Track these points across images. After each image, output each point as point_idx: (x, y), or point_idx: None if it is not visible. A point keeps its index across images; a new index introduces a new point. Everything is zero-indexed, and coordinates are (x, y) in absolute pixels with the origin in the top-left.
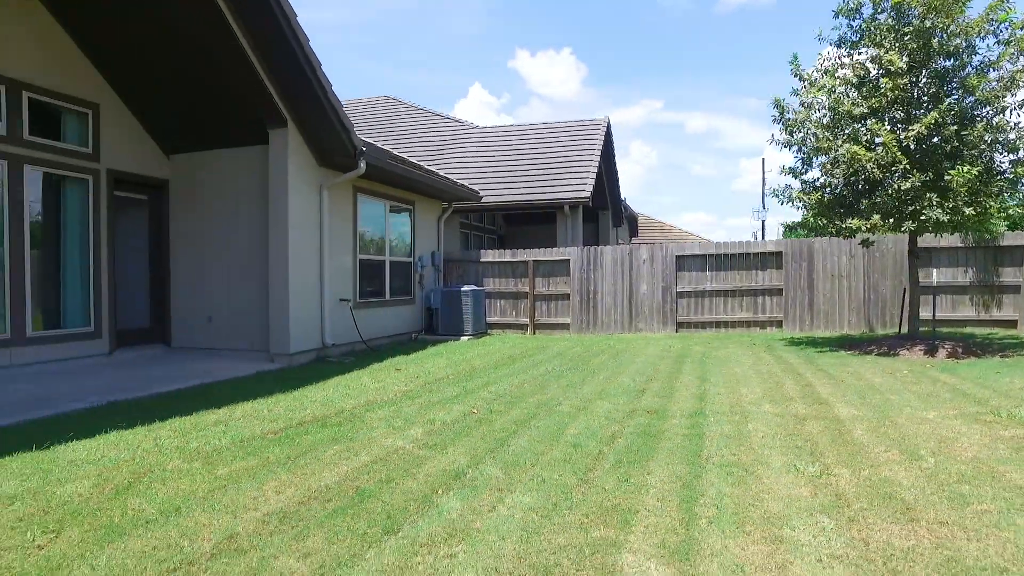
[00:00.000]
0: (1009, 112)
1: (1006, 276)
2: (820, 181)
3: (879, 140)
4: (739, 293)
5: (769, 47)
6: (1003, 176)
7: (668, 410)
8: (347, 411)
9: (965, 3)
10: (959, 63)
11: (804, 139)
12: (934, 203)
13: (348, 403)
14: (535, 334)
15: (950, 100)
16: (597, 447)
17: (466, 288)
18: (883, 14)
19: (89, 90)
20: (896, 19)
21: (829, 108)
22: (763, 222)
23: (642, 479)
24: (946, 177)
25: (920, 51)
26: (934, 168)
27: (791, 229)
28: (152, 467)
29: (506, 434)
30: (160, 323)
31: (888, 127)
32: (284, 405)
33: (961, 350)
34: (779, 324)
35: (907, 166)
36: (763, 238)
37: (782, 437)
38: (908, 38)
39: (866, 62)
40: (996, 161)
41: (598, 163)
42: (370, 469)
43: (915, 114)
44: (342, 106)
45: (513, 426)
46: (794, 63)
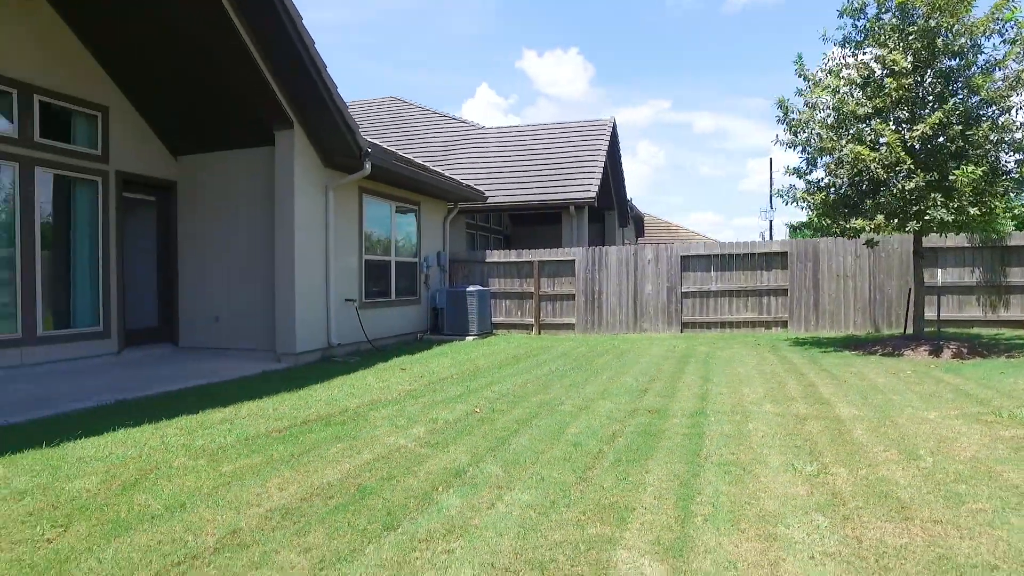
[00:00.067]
0: (1015, 111)
1: (1013, 276)
2: (824, 181)
3: (883, 140)
4: (744, 293)
5: (777, 47)
6: (1009, 176)
7: (669, 410)
8: (351, 410)
9: (971, 2)
10: (964, 63)
11: (808, 139)
12: (938, 203)
13: (352, 402)
14: (540, 334)
15: (955, 100)
16: (597, 446)
17: (471, 288)
18: (887, 14)
19: (98, 93)
20: (901, 19)
21: (833, 108)
22: (771, 222)
23: (640, 477)
24: (951, 177)
25: (925, 51)
26: (939, 168)
27: (795, 229)
28: (158, 464)
29: (507, 433)
30: (168, 323)
31: (893, 127)
32: (289, 404)
33: (966, 350)
34: (784, 324)
35: (911, 166)
36: (771, 238)
37: (782, 437)
38: (912, 38)
39: (871, 62)
40: (1002, 161)
41: (604, 163)
42: (372, 467)
43: (920, 114)
44: (347, 107)
45: (515, 425)
46: (798, 63)
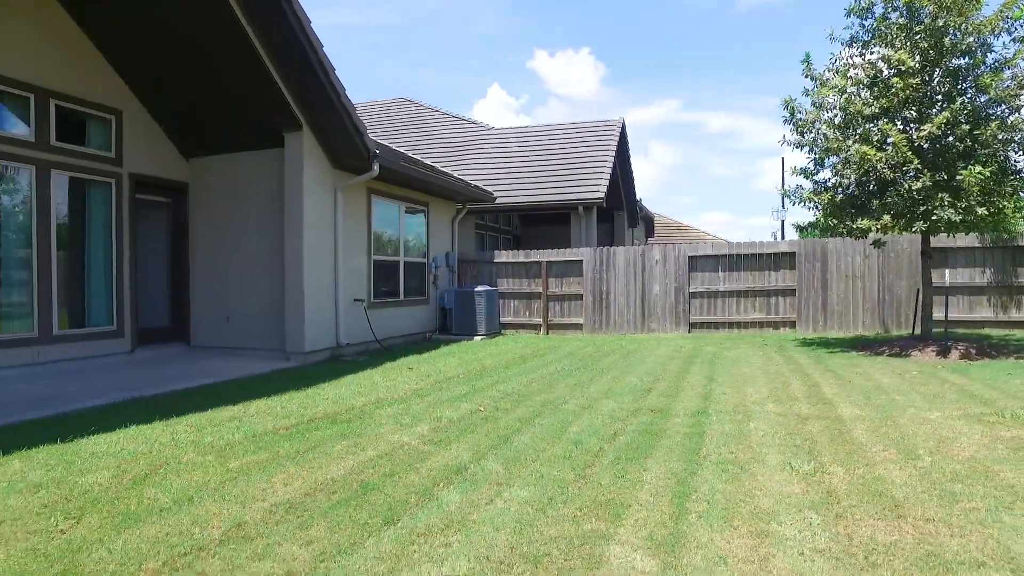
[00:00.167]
0: None
1: None
2: (831, 182)
3: (890, 140)
4: (752, 294)
5: (789, 45)
6: (1018, 175)
7: (672, 409)
8: (357, 408)
9: (980, 1)
10: (973, 61)
11: (815, 140)
12: (946, 203)
13: (359, 401)
14: (548, 334)
15: (963, 99)
16: (598, 444)
17: (479, 288)
18: (895, 13)
19: (112, 96)
20: (908, 18)
21: (840, 108)
22: (782, 222)
23: (638, 475)
24: (958, 177)
25: (932, 50)
26: (947, 168)
27: (802, 229)
28: (168, 460)
29: (510, 431)
30: (180, 323)
31: (900, 126)
32: (297, 402)
33: (975, 351)
34: (792, 325)
35: (919, 166)
36: (783, 238)
37: (782, 436)
38: (919, 37)
39: (878, 61)
40: (1011, 160)
41: (612, 164)
42: (375, 463)
43: (928, 113)
44: (355, 109)
45: (518, 423)
46: (806, 63)
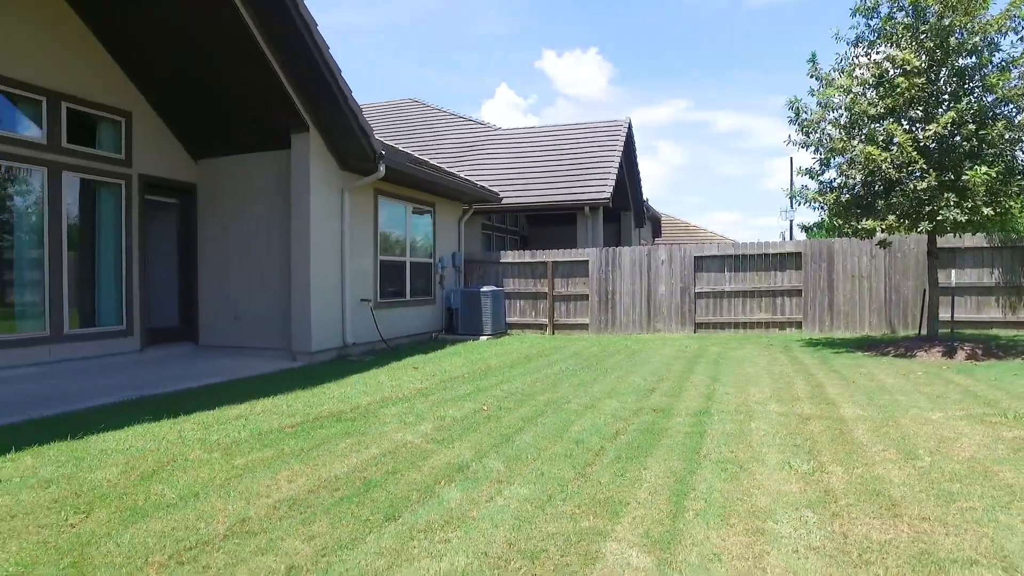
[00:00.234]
0: None
1: None
2: (837, 182)
3: (895, 140)
4: (758, 294)
5: (796, 44)
6: None
7: (674, 409)
8: (362, 407)
9: (987, 1)
10: (980, 61)
11: (820, 140)
12: (951, 203)
13: (364, 400)
14: (554, 334)
15: (969, 99)
16: (599, 443)
17: (485, 288)
18: (901, 12)
19: (122, 99)
20: (914, 17)
21: (845, 108)
22: (791, 222)
23: (637, 474)
24: (964, 177)
25: (939, 49)
26: (953, 168)
27: (807, 230)
28: (175, 457)
29: (512, 430)
30: (188, 322)
31: (906, 126)
32: (303, 401)
33: (981, 352)
34: (798, 325)
35: (924, 166)
36: (791, 238)
37: (783, 436)
38: (925, 37)
39: (883, 61)
40: (1018, 160)
41: (619, 164)
42: (378, 461)
43: (934, 113)
44: (361, 111)
45: (520, 423)
46: (812, 63)
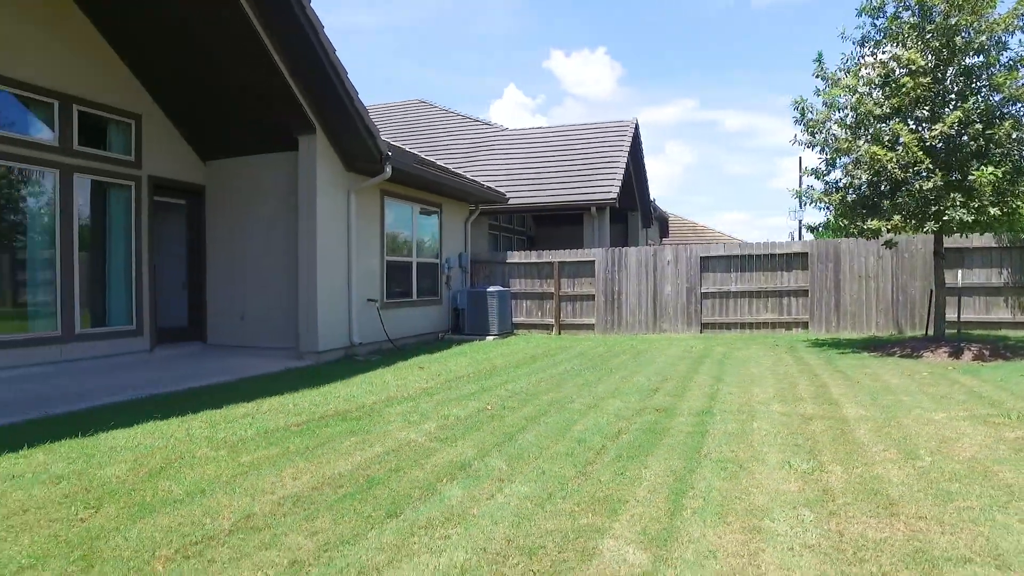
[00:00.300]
0: None
1: None
2: (842, 182)
3: (901, 140)
4: (764, 294)
5: (805, 43)
6: None
7: (677, 408)
8: (367, 406)
9: (995, 0)
10: (987, 60)
11: (825, 140)
12: (957, 203)
13: (369, 399)
14: (560, 334)
15: (975, 98)
16: (601, 442)
17: (492, 289)
18: (907, 12)
19: (132, 101)
20: (921, 17)
21: (851, 108)
22: (800, 222)
23: (638, 473)
24: (970, 177)
25: (945, 49)
26: (960, 168)
27: (813, 230)
28: (182, 454)
29: (515, 429)
30: (197, 322)
31: (913, 126)
32: (309, 400)
33: (988, 352)
34: (805, 325)
35: (929, 166)
36: (800, 238)
37: (784, 436)
38: (931, 36)
39: (889, 61)
40: None
41: (625, 164)
42: (382, 459)
43: (941, 113)
44: (368, 112)
45: (523, 422)
46: (818, 62)
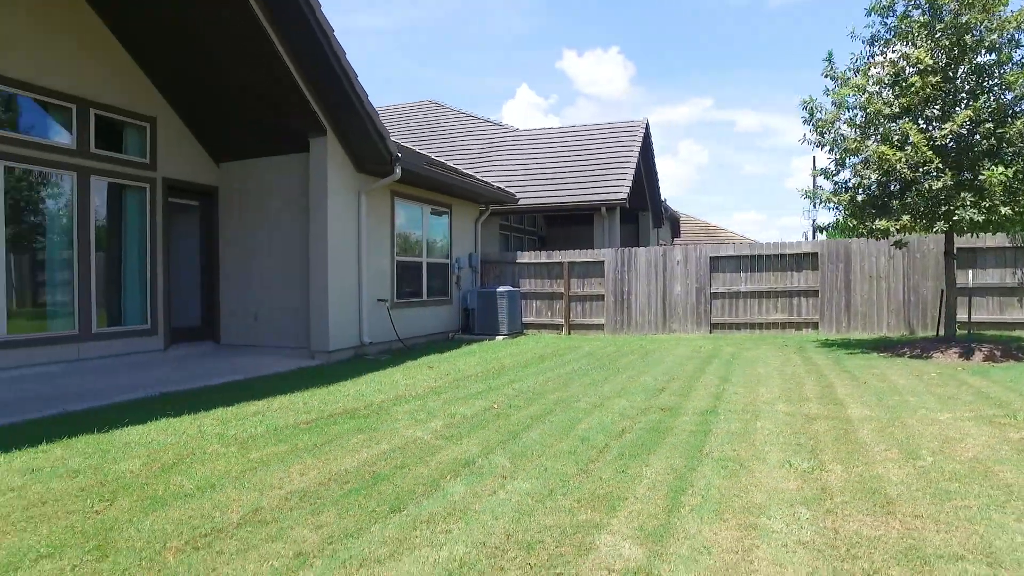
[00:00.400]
0: None
1: None
2: (852, 182)
3: (911, 140)
4: (774, 294)
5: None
6: None
7: (682, 408)
8: (376, 404)
9: None
10: (999, 58)
11: (834, 140)
12: (967, 203)
13: (378, 397)
14: (570, 334)
15: (986, 97)
16: (604, 441)
17: (501, 289)
18: (917, 10)
19: (147, 105)
20: (931, 15)
21: (860, 107)
22: (813, 221)
23: (639, 470)
24: (981, 177)
25: (956, 47)
26: (971, 167)
27: (821, 230)
28: (194, 450)
29: (520, 427)
30: (210, 322)
31: (922, 125)
32: (318, 398)
33: (1000, 353)
34: (815, 326)
35: (939, 165)
36: (813, 238)
37: (787, 435)
38: (941, 34)
39: (899, 60)
40: None
41: (636, 164)
42: (388, 456)
43: (951, 112)
44: (378, 114)
45: (528, 420)
46: (828, 62)
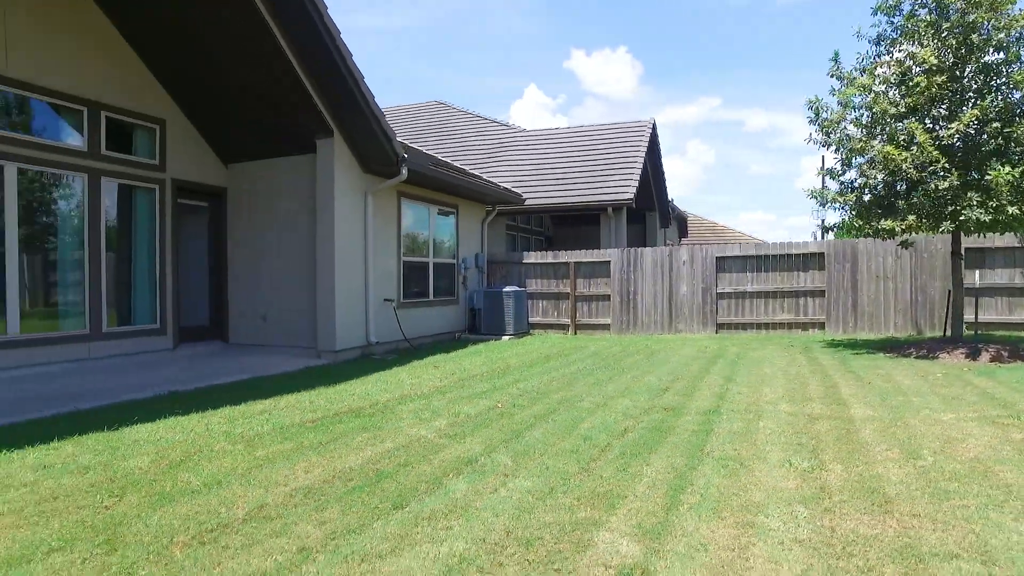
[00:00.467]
0: None
1: None
2: (858, 182)
3: (916, 139)
4: (780, 294)
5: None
6: None
7: (685, 408)
8: (381, 403)
9: None
10: (1007, 57)
11: (840, 140)
12: (974, 203)
13: (383, 396)
14: (576, 334)
15: (992, 96)
16: (606, 440)
17: (508, 289)
18: (923, 9)
19: (156, 107)
20: (938, 14)
21: (866, 107)
22: (822, 221)
23: (639, 469)
24: (988, 176)
25: (962, 46)
26: (978, 167)
27: (828, 230)
28: (201, 448)
29: (523, 426)
30: (218, 322)
31: (929, 124)
32: (325, 397)
33: (1007, 354)
34: (822, 326)
35: (945, 165)
36: (822, 238)
37: (788, 435)
38: (947, 34)
39: (905, 59)
40: None
41: (642, 165)
42: (392, 454)
43: (958, 111)
44: (384, 116)
45: (532, 419)
46: (834, 62)
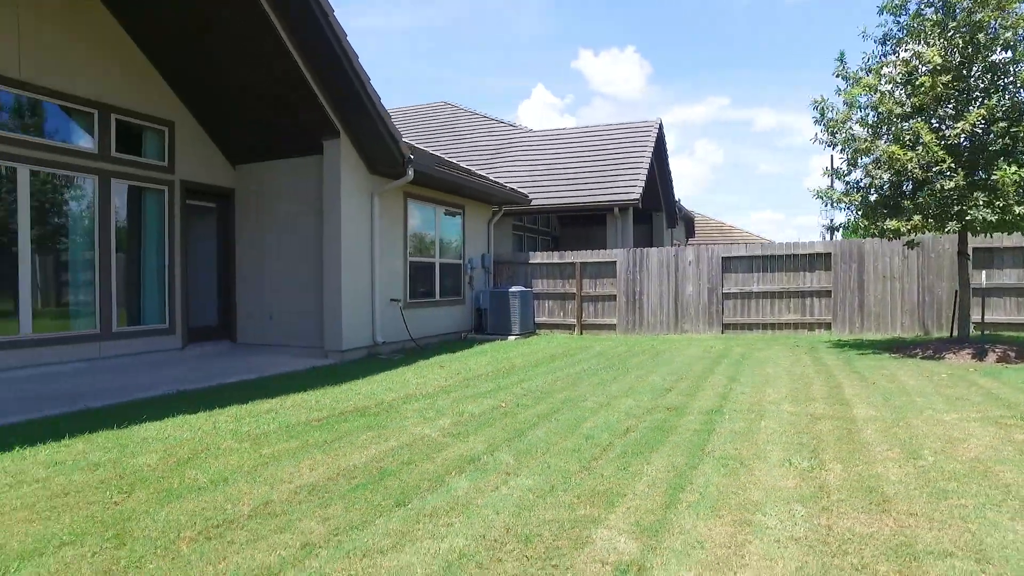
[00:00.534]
0: None
1: None
2: (863, 182)
3: (922, 139)
4: (786, 295)
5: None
6: None
7: (688, 407)
8: (386, 403)
9: None
10: (1014, 56)
11: (846, 140)
12: (980, 203)
13: (389, 396)
14: (582, 334)
15: (1001, 95)
16: (608, 439)
17: (514, 289)
18: (929, 8)
19: (165, 109)
20: (944, 13)
21: (871, 107)
22: (831, 221)
23: (640, 468)
24: (994, 176)
25: (969, 45)
26: (985, 166)
27: (835, 230)
28: (208, 445)
29: (526, 426)
30: (226, 322)
31: (935, 124)
32: (330, 397)
33: (1014, 355)
34: (828, 326)
35: (951, 165)
36: (830, 238)
37: (790, 435)
38: (954, 33)
39: (911, 59)
40: None
41: (649, 165)
42: (395, 453)
43: (965, 111)
44: (390, 117)
45: (535, 419)
46: (840, 62)
